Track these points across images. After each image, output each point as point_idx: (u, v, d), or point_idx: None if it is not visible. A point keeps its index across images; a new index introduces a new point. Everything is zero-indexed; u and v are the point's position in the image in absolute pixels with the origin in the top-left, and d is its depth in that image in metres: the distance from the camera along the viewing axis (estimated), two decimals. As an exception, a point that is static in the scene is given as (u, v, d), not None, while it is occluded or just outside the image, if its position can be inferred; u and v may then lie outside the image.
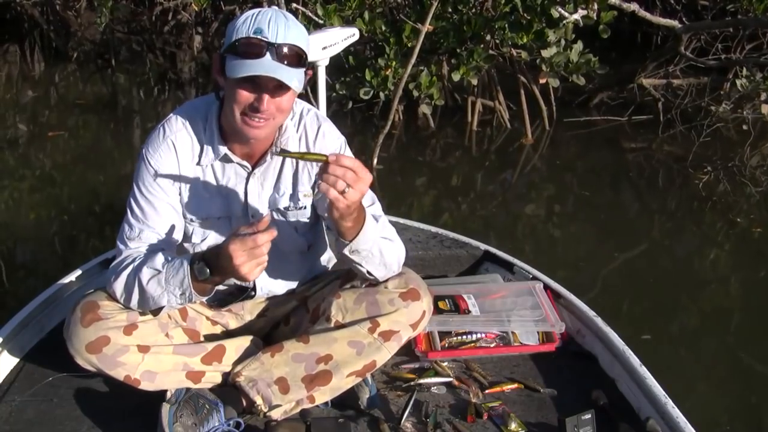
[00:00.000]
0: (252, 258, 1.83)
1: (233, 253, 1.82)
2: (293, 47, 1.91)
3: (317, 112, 2.23)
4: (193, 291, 1.94)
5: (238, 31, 1.91)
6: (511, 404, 2.27)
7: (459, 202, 5.63)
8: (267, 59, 1.89)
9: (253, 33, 1.89)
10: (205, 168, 2.15)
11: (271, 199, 2.19)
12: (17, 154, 6.44)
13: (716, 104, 6.70)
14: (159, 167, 2.11)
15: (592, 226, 5.13)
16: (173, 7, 9.59)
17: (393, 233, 2.16)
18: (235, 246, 1.83)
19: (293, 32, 1.93)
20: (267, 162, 2.14)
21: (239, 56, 1.90)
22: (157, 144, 2.12)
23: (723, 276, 4.58)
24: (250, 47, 1.89)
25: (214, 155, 2.12)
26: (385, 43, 6.01)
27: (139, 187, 2.13)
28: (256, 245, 1.81)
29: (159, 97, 8.71)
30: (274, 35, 1.89)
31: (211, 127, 2.11)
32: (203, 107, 2.15)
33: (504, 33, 5.98)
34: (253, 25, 1.90)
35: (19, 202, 5.40)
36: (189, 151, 2.13)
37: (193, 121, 2.13)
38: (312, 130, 2.18)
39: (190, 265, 1.94)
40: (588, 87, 6.96)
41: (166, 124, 2.14)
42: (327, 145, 2.18)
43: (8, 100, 8.49)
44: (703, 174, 5.54)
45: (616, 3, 6.11)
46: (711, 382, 3.42)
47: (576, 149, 6.76)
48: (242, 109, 1.95)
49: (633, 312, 3.93)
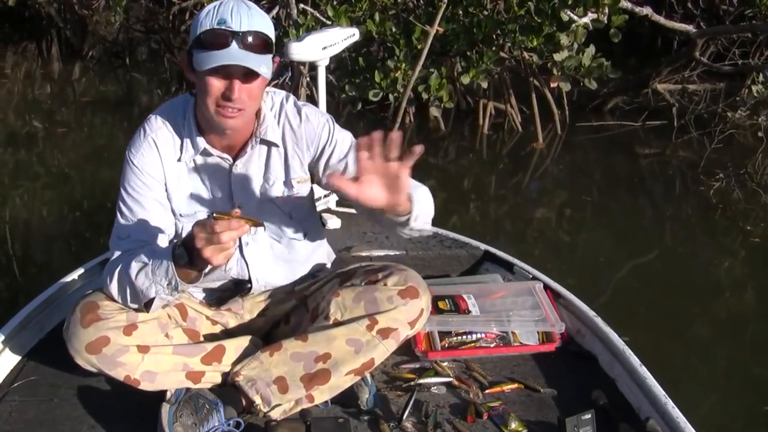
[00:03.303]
0: (211, 243, 1.80)
1: (195, 237, 1.82)
2: (258, 34, 1.93)
3: (296, 100, 2.24)
4: (179, 279, 1.94)
5: (202, 24, 1.94)
6: (511, 404, 2.26)
7: (468, 205, 5.62)
8: (233, 48, 1.91)
9: (216, 24, 1.91)
10: (188, 163, 2.16)
11: (261, 190, 2.20)
12: (23, 152, 6.49)
13: (732, 110, 6.66)
14: (142, 166, 2.13)
15: (602, 231, 5.13)
16: (189, 6, 9.63)
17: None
18: (197, 229, 1.82)
19: (257, 20, 1.95)
20: (248, 153, 2.16)
21: (206, 48, 1.92)
22: (138, 143, 2.15)
23: (727, 280, 4.55)
24: (215, 38, 1.91)
25: (194, 150, 2.14)
26: (394, 44, 6.02)
27: (126, 188, 2.15)
28: (213, 232, 1.79)
29: (176, 96, 8.73)
30: (237, 24, 1.91)
31: (189, 124, 2.13)
32: (181, 104, 2.17)
33: (514, 36, 5.97)
34: (216, 16, 1.92)
35: (21, 201, 5.44)
36: (170, 148, 2.15)
37: (172, 119, 2.15)
38: (294, 117, 2.18)
39: (172, 253, 1.94)
40: (603, 91, 6.95)
41: (146, 124, 2.17)
42: (313, 126, 2.18)
43: (24, 97, 8.55)
44: (715, 181, 5.51)
45: (627, 7, 6.09)
46: (711, 382, 3.41)
47: (588, 154, 6.75)
48: (214, 100, 1.96)
49: (634, 312, 3.92)
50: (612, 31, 5.84)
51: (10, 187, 5.66)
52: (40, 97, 8.61)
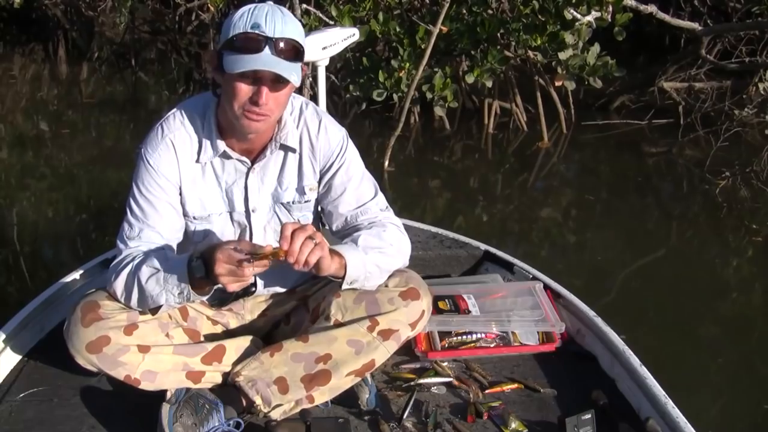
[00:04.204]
0: (232, 274, 1.84)
1: (217, 262, 1.84)
2: (290, 41, 1.92)
3: (316, 107, 2.23)
4: (192, 290, 1.95)
5: (235, 26, 1.92)
6: (511, 404, 2.26)
7: (474, 204, 5.62)
8: (266, 53, 1.89)
9: (250, 28, 1.90)
10: (204, 165, 2.15)
11: (274, 194, 2.20)
12: (30, 152, 6.51)
13: (739, 108, 6.63)
14: (158, 166, 2.11)
15: (608, 230, 5.12)
16: (195, 7, 9.67)
17: (387, 236, 2.17)
18: (222, 256, 1.83)
19: (290, 27, 1.93)
20: (267, 157, 2.15)
21: (237, 51, 1.91)
22: (155, 143, 2.12)
23: (731, 279, 4.55)
24: (249, 42, 1.90)
25: (213, 152, 2.12)
26: (398, 44, 6.02)
27: (139, 187, 2.13)
28: (241, 268, 1.82)
29: (184, 96, 8.75)
30: (271, 30, 1.89)
31: (209, 124, 2.11)
32: (201, 105, 2.15)
33: (519, 35, 5.96)
34: (250, 20, 1.91)
35: (27, 202, 5.45)
36: (188, 149, 2.13)
37: (191, 119, 2.14)
38: (313, 125, 2.18)
39: (188, 264, 1.94)
40: (609, 90, 6.92)
41: (164, 123, 2.14)
42: (330, 138, 2.19)
43: (31, 99, 8.59)
44: (721, 179, 5.49)
45: (632, 4, 6.07)
46: (711, 382, 3.41)
47: (594, 153, 6.74)
48: (242, 104, 1.95)
49: (637, 312, 3.91)
50: (616, 29, 5.82)
51: (17, 187, 5.68)
52: (47, 98, 8.64)
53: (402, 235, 2.23)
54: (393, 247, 2.17)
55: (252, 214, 2.19)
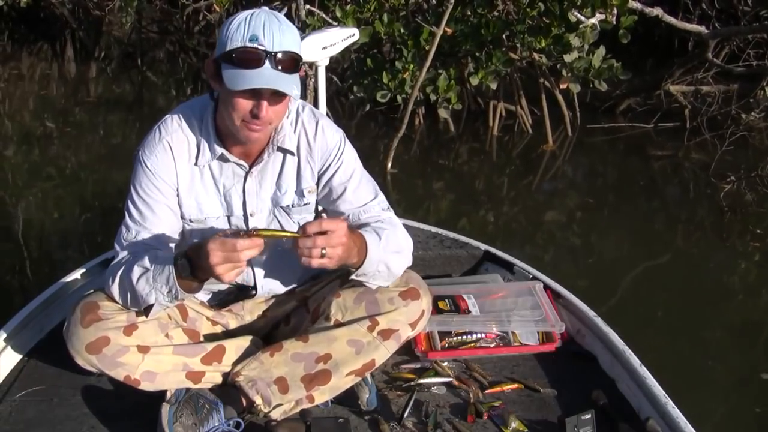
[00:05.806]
0: (228, 261, 1.81)
1: (210, 252, 1.81)
2: (289, 53, 1.90)
3: (313, 109, 2.22)
4: (179, 288, 1.93)
5: (233, 37, 1.89)
6: (511, 404, 2.27)
7: (478, 206, 5.62)
8: (266, 68, 1.87)
9: (249, 41, 1.87)
10: (203, 168, 2.14)
11: (273, 197, 2.19)
12: (37, 151, 6.53)
13: (745, 112, 6.61)
14: (156, 169, 2.10)
15: (613, 233, 5.12)
16: (202, 7, 9.69)
17: (399, 239, 2.17)
18: (214, 245, 1.81)
19: (288, 37, 1.91)
20: (264, 160, 2.14)
21: (236, 66, 1.88)
22: (153, 146, 2.11)
23: (736, 283, 4.54)
24: (248, 57, 1.87)
25: (211, 155, 2.11)
26: (402, 45, 6.02)
27: (136, 190, 2.12)
28: (235, 250, 1.80)
29: (191, 96, 8.78)
30: (270, 42, 1.87)
31: (207, 128, 2.10)
32: (198, 108, 2.14)
33: (523, 37, 5.95)
34: (248, 31, 1.88)
35: (33, 201, 5.47)
36: (185, 152, 2.12)
37: (189, 122, 2.13)
38: (310, 127, 2.17)
39: (174, 262, 1.93)
40: (615, 93, 6.89)
41: (161, 126, 2.13)
42: (327, 139, 2.18)
43: (39, 97, 8.63)
44: (726, 183, 5.47)
45: (637, 7, 6.05)
46: (711, 383, 3.41)
47: (599, 155, 6.73)
48: (241, 117, 1.94)
49: (639, 313, 3.92)
50: (621, 32, 5.79)
51: (23, 186, 5.70)
52: (54, 97, 8.67)
53: (408, 238, 2.23)
54: (404, 254, 2.17)
55: (250, 218, 2.19)
